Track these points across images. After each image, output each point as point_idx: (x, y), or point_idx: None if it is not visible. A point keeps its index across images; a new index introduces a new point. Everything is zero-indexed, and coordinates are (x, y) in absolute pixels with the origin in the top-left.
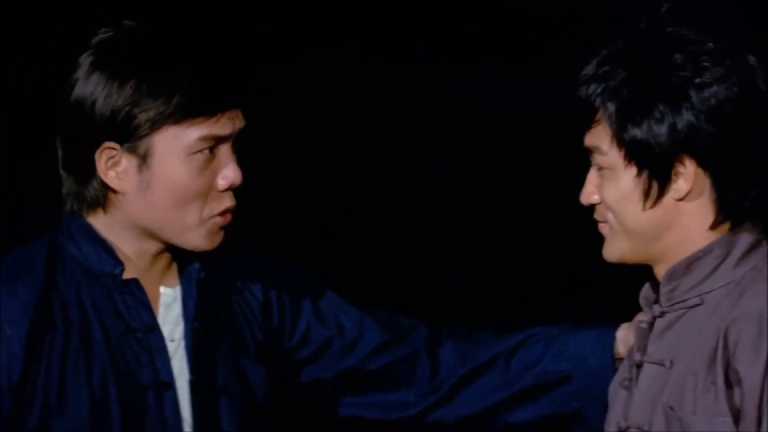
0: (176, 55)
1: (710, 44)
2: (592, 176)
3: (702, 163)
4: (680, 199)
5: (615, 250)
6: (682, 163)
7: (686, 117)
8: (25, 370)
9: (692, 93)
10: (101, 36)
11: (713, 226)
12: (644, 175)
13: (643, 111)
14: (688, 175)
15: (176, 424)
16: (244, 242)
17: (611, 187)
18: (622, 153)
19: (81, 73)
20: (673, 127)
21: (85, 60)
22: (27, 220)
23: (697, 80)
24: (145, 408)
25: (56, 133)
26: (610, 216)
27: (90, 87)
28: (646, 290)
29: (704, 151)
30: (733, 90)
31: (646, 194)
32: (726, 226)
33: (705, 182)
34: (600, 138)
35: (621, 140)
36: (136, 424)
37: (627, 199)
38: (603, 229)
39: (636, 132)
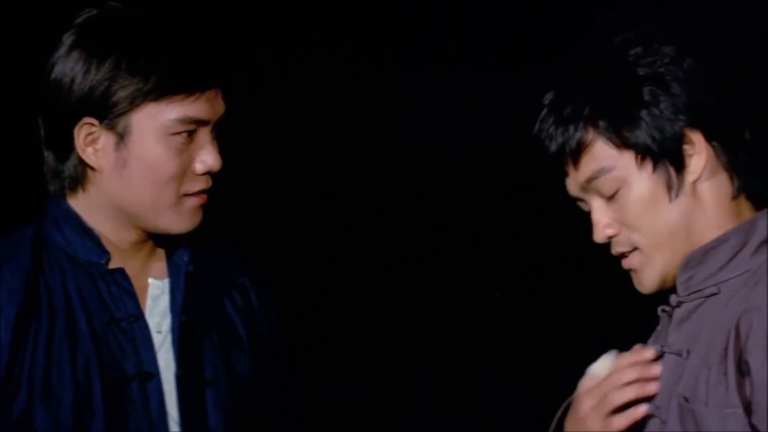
0: (157, 34)
1: (650, 32)
2: (599, 211)
3: (708, 134)
4: (697, 181)
5: (653, 272)
6: (691, 142)
7: (676, 90)
8: (12, 357)
9: (667, 69)
10: (84, 15)
11: (734, 196)
12: (660, 166)
13: (634, 102)
14: (699, 152)
15: (160, 416)
16: (237, 243)
17: (632, 199)
18: (632, 154)
19: (62, 51)
20: (668, 104)
21: (68, 38)
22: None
23: (667, 58)
24: (128, 398)
25: (38, 111)
26: (636, 238)
27: (70, 64)
28: None
29: (705, 118)
30: (705, 58)
31: (669, 185)
32: (747, 205)
33: (715, 157)
34: (599, 161)
35: (626, 141)
36: (119, 413)
37: (653, 201)
38: (632, 261)
39: (636, 125)
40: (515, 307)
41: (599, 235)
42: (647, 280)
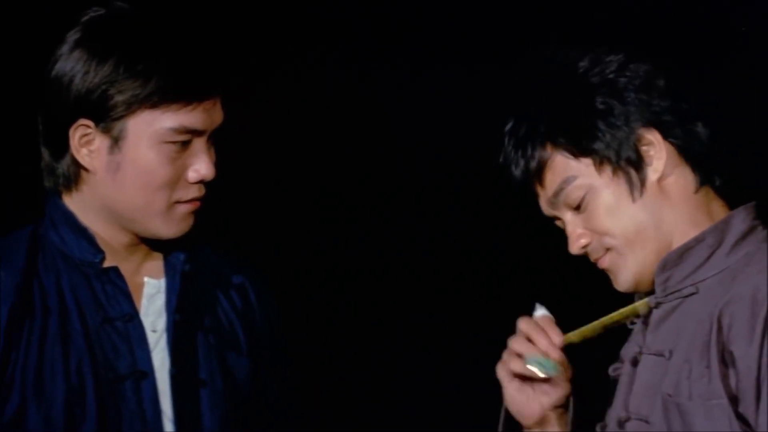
0: (159, 39)
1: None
2: (572, 223)
3: (664, 133)
4: (660, 178)
5: (628, 271)
6: (650, 143)
7: (629, 95)
8: (5, 357)
9: (618, 75)
10: (90, 14)
11: (697, 189)
12: (619, 169)
13: (588, 112)
14: (659, 151)
15: (155, 415)
16: (236, 244)
17: (597, 204)
18: (591, 161)
19: (65, 49)
20: (621, 110)
21: (71, 37)
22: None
23: (614, 65)
24: (122, 397)
25: (37, 108)
26: (608, 240)
27: (71, 63)
28: None
29: (660, 118)
30: (651, 62)
31: (630, 186)
32: (716, 199)
33: (676, 154)
34: (561, 173)
35: (584, 150)
36: (112, 412)
37: (617, 203)
38: (605, 260)
39: (593, 134)
40: (514, 307)
41: (574, 246)
42: (623, 280)
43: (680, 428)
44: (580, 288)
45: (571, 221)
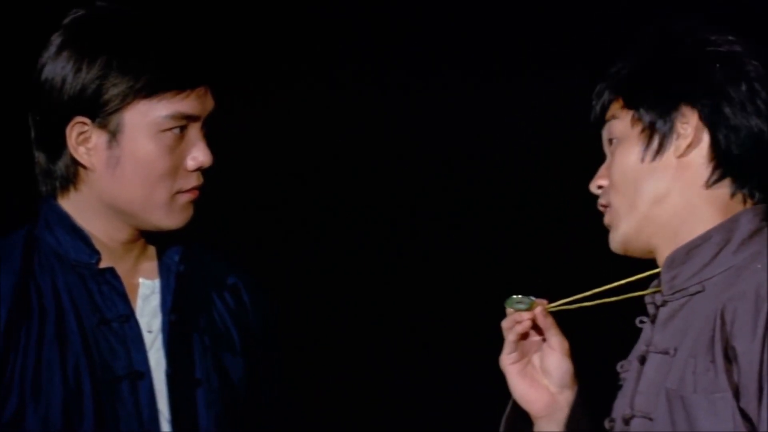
0: (147, 31)
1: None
2: (605, 164)
3: (704, 118)
4: (681, 156)
5: (618, 230)
6: (686, 121)
7: (694, 71)
8: (4, 359)
9: (702, 57)
10: (72, 16)
11: (709, 184)
12: (647, 130)
13: (648, 72)
14: (688, 131)
15: (151, 415)
16: (230, 243)
17: (617, 154)
18: (631, 114)
19: (51, 51)
20: (674, 82)
21: (56, 39)
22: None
23: (709, 46)
24: (119, 398)
25: (28, 112)
26: (611, 195)
27: (61, 64)
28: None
29: (707, 102)
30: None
31: (647, 147)
32: (737, 199)
33: (709, 144)
34: (612, 113)
35: (629, 104)
36: (109, 413)
37: (627, 160)
38: (606, 217)
39: (642, 92)
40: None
41: (592, 183)
42: (612, 239)
43: (684, 422)
44: (580, 289)
45: (605, 162)
